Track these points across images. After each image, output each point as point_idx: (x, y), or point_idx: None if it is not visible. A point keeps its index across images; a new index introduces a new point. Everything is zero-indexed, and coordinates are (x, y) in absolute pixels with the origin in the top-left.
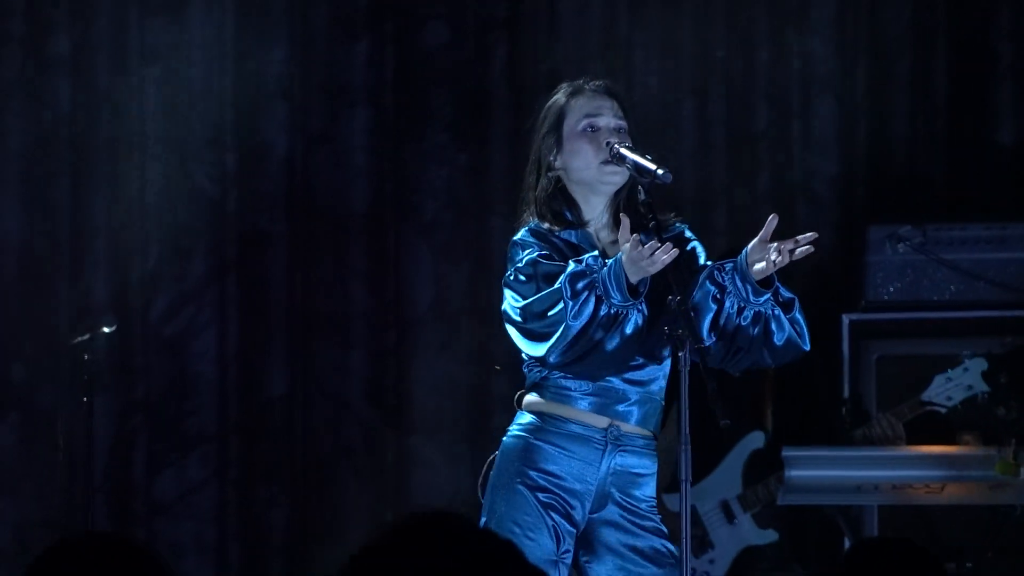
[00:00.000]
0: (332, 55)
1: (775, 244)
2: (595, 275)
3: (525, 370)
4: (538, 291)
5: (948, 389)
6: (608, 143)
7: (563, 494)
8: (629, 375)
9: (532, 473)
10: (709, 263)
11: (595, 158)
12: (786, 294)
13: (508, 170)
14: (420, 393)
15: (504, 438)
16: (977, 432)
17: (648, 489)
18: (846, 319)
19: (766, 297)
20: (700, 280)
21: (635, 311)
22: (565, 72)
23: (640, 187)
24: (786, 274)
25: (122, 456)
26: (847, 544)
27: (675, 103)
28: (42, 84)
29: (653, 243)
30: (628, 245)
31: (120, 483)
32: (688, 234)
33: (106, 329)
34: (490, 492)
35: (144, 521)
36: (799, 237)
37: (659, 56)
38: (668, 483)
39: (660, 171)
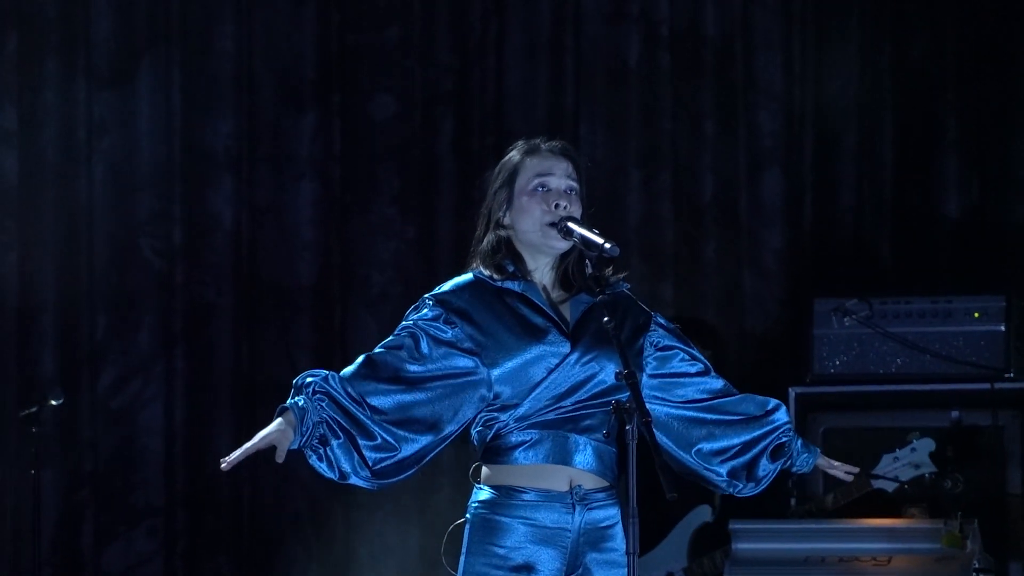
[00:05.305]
0: (279, 127)
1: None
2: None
3: (474, 435)
4: None
5: (896, 469)
6: (560, 219)
7: (532, 567)
8: (581, 424)
9: (498, 551)
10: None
11: (541, 218)
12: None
13: (455, 243)
14: None
15: (467, 514)
16: (923, 505)
17: (618, 539)
18: (792, 392)
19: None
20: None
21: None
22: (511, 145)
23: (588, 260)
24: (733, 347)
25: (70, 529)
26: None
27: (621, 175)
28: None
29: None
30: None
31: (68, 556)
32: (632, 296)
33: (53, 402)
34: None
35: None
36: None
37: (605, 128)
38: None
39: (607, 245)
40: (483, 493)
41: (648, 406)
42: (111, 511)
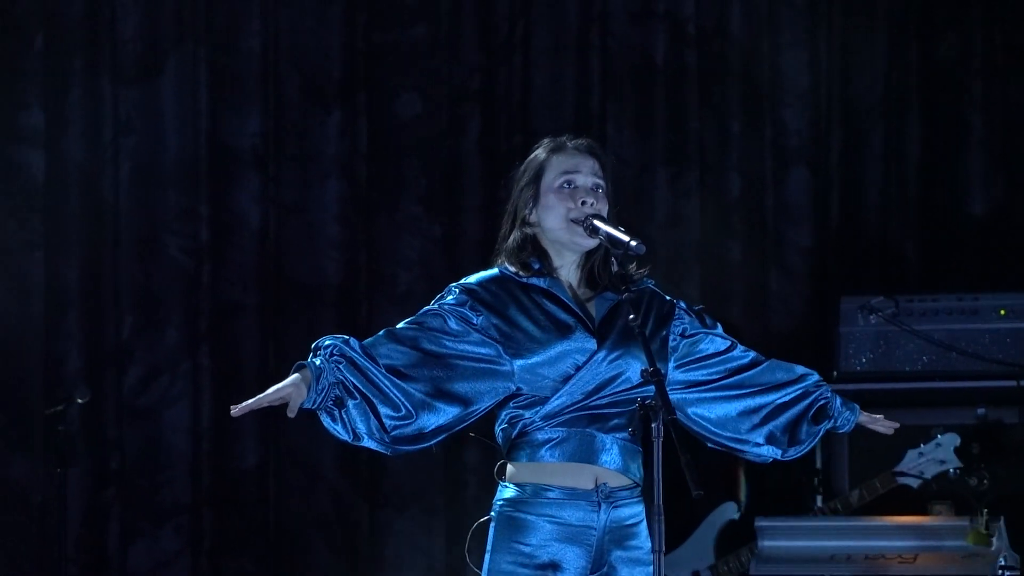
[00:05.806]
0: (305, 126)
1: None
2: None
3: (499, 432)
4: None
5: (920, 464)
6: (586, 216)
7: (557, 565)
8: (608, 423)
9: (523, 548)
10: (739, 352)
11: (567, 215)
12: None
13: (481, 241)
14: (393, 464)
15: (492, 512)
16: (949, 502)
17: (643, 537)
18: None
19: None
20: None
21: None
22: (537, 143)
23: (614, 258)
24: (759, 346)
25: (95, 527)
26: None
27: (647, 174)
28: (16, 156)
29: None
30: None
31: (93, 554)
32: (657, 289)
33: (79, 400)
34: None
35: None
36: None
37: (631, 127)
38: None
39: (633, 243)
40: (508, 491)
41: (679, 395)
42: (137, 510)
